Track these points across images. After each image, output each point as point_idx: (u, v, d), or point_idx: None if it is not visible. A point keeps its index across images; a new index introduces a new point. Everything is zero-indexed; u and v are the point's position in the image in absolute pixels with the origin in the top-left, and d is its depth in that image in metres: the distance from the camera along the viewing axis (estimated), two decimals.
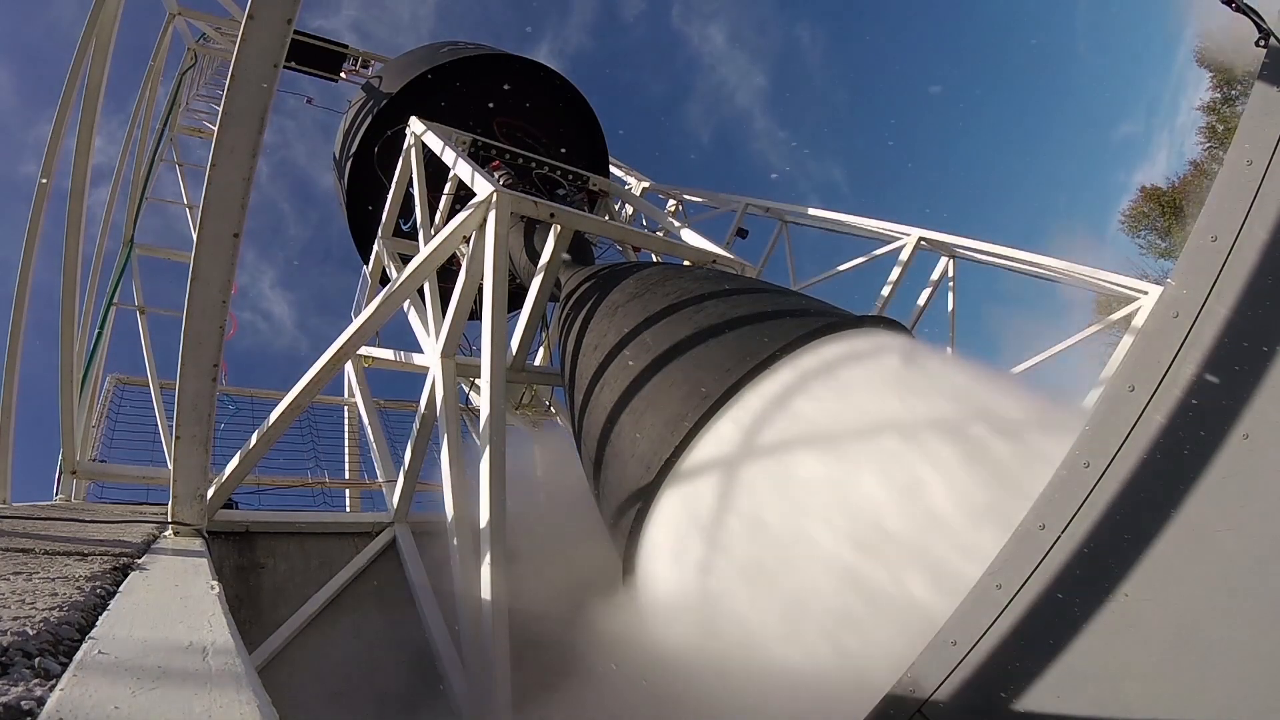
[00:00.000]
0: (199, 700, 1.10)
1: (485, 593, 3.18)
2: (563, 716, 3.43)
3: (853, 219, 7.31)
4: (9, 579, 1.62)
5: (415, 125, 6.40)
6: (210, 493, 3.33)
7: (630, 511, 3.15)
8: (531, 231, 5.71)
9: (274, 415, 3.78)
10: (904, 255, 6.64)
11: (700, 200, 8.99)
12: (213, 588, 1.89)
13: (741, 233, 8.30)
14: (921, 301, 6.73)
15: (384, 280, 6.78)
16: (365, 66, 9.70)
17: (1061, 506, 1.56)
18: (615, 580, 3.36)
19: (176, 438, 2.65)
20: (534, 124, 7.89)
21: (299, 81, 9.79)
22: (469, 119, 7.25)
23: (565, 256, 4.86)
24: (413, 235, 6.71)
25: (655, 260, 5.49)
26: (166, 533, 2.87)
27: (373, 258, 7.05)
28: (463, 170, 5.10)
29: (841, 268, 7.26)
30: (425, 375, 4.46)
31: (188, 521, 2.88)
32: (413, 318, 5.12)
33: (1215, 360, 1.47)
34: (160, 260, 8.72)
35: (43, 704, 0.97)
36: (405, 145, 6.47)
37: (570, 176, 7.11)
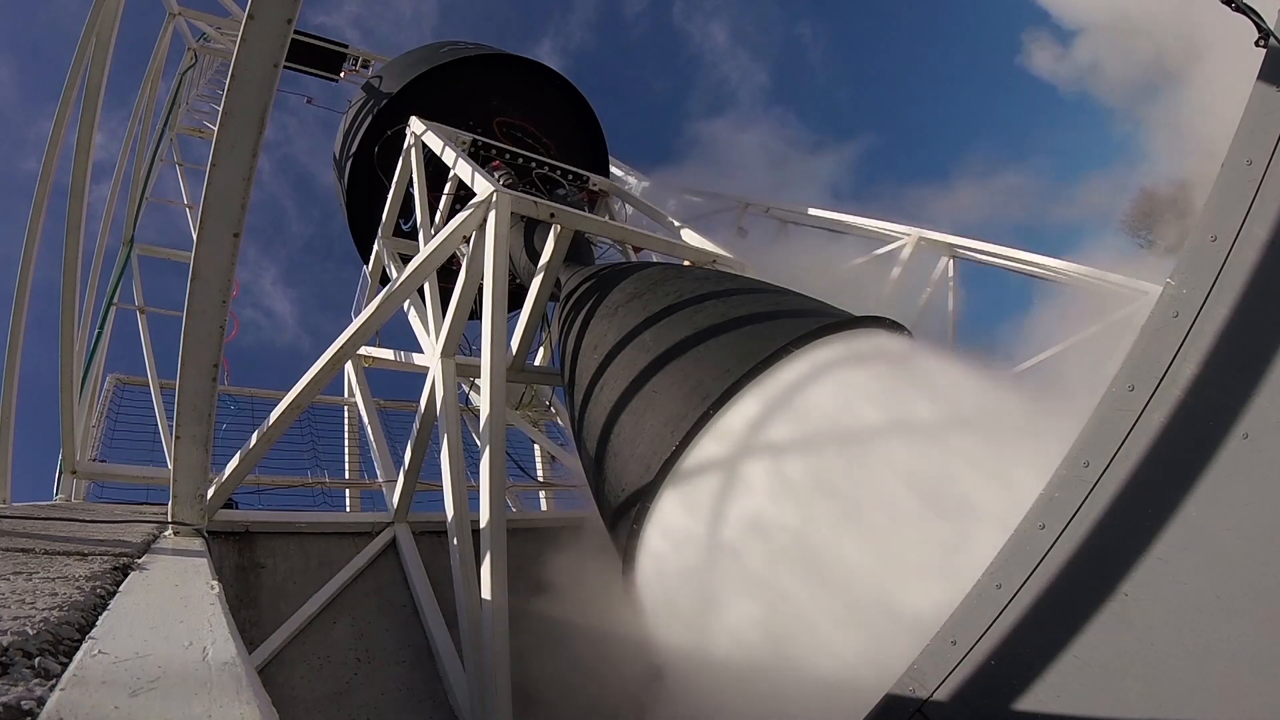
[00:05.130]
0: (198, 700, 1.10)
1: (485, 593, 3.19)
2: (563, 716, 3.44)
3: (853, 219, 7.31)
4: (9, 579, 1.62)
5: (415, 125, 6.39)
6: (210, 493, 3.33)
7: (630, 512, 3.15)
8: (531, 231, 5.70)
9: (274, 415, 3.77)
10: (904, 255, 6.64)
11: (700, 200, 8.98)
12: (213, 588, 1.89)
13: (741, 231, 8.33)
14: (921, 302, 6.73)
15: (384, 280, 6.78)
16: (365, 66, 9.70)
17: (1061, 506, 1.56)
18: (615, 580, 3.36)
19: (176, 438, 2.65)
20: (534, 124, 7.88)
21: (300, 80, 9.80)
22: (469, 119, 7.23)
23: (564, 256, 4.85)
24: (413, 235, 6.70)
25: (655, 260, 5.49)
26: (166, 533, 2.87)
27: (373, 257, 7.05)
28: (463, 170, 5.10)
29: (841, 268, 7.25)
30: (425, 375, 4.46)
31: (188, 521, 2.88)
32: (413, 318, 5.12)
33: (1215, 360, 1.47)
34: (160, 260, 8.72)
35: (43, 704, 0.97)
36: (405, 145, 6.46)
37: (570, 176, 7.09)
